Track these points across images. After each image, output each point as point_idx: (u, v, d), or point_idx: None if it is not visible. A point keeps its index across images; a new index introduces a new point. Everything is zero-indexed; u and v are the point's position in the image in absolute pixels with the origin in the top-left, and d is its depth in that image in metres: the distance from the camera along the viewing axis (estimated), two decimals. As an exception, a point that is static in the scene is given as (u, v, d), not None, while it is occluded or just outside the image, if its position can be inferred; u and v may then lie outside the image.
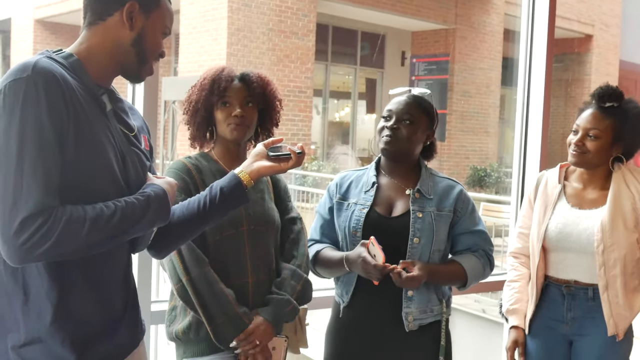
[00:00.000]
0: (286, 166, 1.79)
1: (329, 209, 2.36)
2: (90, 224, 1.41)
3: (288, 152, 1.78)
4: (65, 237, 1.38)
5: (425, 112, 2.28)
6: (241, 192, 1.74)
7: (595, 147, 2.43)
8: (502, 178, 12.96)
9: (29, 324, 1.47)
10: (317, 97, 12.65)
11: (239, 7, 10.48)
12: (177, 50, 11.78)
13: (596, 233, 2.41)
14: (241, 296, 2.07)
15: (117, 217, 1.45)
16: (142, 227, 1.54)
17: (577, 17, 15.20)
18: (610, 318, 2.42)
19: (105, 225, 1.43)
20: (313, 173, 10.55)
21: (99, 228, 1.42)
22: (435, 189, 2.28)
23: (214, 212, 1.73)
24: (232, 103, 2.12)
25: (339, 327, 2.32)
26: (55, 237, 1.37)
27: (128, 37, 1.57)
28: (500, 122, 14.64)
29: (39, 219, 1.36)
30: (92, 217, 1.42)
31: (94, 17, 1.57)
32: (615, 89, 2.45)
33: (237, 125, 2.11)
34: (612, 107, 2.43)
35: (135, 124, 1.68)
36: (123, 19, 1.56)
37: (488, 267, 2.33)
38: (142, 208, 1.51)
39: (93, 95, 1.53)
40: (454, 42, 13.33)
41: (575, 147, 2.45)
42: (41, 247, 1.36)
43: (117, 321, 1.61)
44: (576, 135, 2.47)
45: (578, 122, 2.48)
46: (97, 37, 1.57)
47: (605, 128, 2.42)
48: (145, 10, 1.58)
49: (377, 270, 2.08)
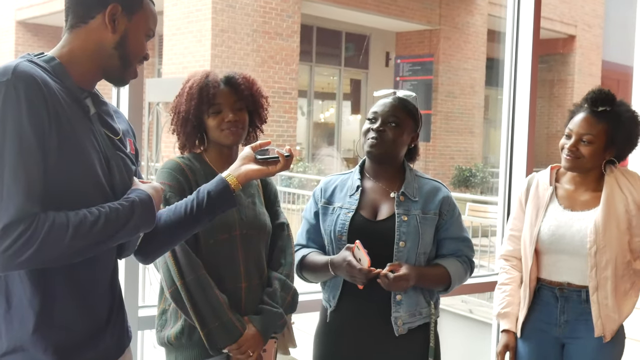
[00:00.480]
0: (274, 169, 1.76)
1: (314, 213, 2.35)
2: (74, 231, 1.38)
3: (276, 155, 1.76)
4: (48, 244, 1.36)
5: (411, 114, 2.27)
6: (229, 196, 1.71)
7: (589, 152, 2.42)
8: (487, 178, 13.02)
9: (11, 332, 1.45)
10: (302, 98, 12.64)
11: (223, 8, 10.45)
12: (160, 52, 11.72)
13: (589, 234, 2.41)
14: (234, 301, 2.06)
15: (101, 223, 1.43)
16: (127, 233, 1.51)
17: (560, 18, 15.31)
18: (599, 319, 2.42)
19: (88, 232, 1.41)
20: (299, 174, 10.53)
21: (82, 234, 1.40)
22: (421, 191, 2.27)
23: (201, 217, 1.70)
24: (223, 109, 2.10)
25: (326, 331, 2.30)
26: (37, 244, 1.34)
27: (111, 40, 1.55)
28: (484, 122, 14.72)
29: (21, 226, 1.33)
30: (75, 223, 1.39)
31: (76, 20, 1.54)
32: (608, 92, 2.45)
33: (232, 130, 2.10)
34: (604, 111, 2.42)
35: (120, 128, 1.65)
36: (105, 22, 1.53)
37: (469, 272, 2.34)
38: (126, 214, 1.49)
39: (76, 98, 1.51)
40: (438, 43, 13.37)
41: (569, 152, 2.44)
42: (23, 254, 1.34)
43: (102, 328, 1.59)
44: (569, 139, 2.46)
45: (571, 127, 2.47)
46: (80, 40, 1.54)
47: (599, 132, 2.41)
48: (128, 13, 1.55)
49: (363, 274, 2.07)
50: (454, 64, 13.58)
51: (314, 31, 13.10)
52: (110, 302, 1.63)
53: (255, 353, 2.05)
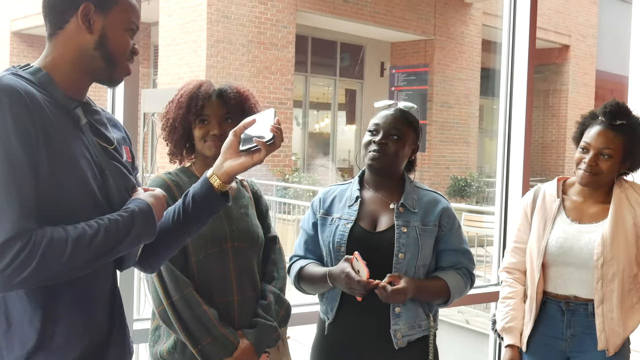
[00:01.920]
0: (258, 158, 1.61)
1: (312, 224, 2.33)
2: (73, 245, 1.35)
3: (258, 143, 1.61)
4: (47, 260, 1.32)
5: (412, 126, 2.26)
6: (215, 198, 1.62)
7: (608, 167, 2.40)
8: (483, 188, 13.02)
9: (12, 351, 1.42)
10: (297, 108, 12.65)
11: (218, 19, 10.46)
12: (156, 62, 11.72)
13: (597, 247, 2.40)
14: (227, 314, 2.04)
15: (101, 236, 1.40)
16: (128, 245, 1.48)
17: (554, 28, 15.39)
18: (602, 332, 2.40)
19: (88, 245, 1.38)
20: (294, 185, 10.51)
21: (82, 249, 1.37)
22: (420, 203, 2.25)
23: (191, 222, 1.64)
24: (210, 121, 2.08)
25: (324, 344, 2.28)
26: (36, 261, 1.31)
27: (90, 41, 1.50)
28: (479, 132, 14.75)
29: (18, 243, 1.30)
30: (74, 237, 1.36)
31: (52, 27, 1.51)
32: (624, 105, 2.43)
33: (215, 142, 2.07)
34: (621, 124, 2.40)
35: (114, 136, 1.62)
36: (80, 23, 1.48)
37: (469, 285, 2.32)
38: (126, 225, 1.45)
39: (65, 109, 1.47)
40: (433, 53, 13.41)
41: (589, 167, 2.40)
42: (22, 272, 1.31)
43: (104, 343, 1.56)
44: (586, 153, 2.42)
45: (587, 141, 2.43)
46: (60, 47, 1.50)
47: (617, 146, 2.39)
48: (102, 10, 1.50)
49: (361, 286, 2.04)
50: (448, 74, 13.61)
51: (309, 42, 13.12)
52: (111, 316, 1.60)
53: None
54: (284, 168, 11.15)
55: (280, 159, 11.16)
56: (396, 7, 12.75)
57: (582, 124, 2.50)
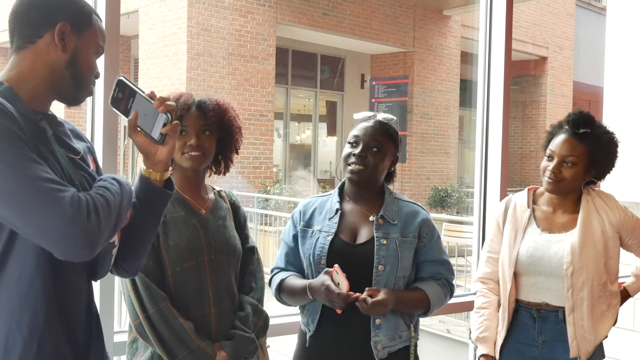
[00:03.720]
0: (174, 139, 1.58)
1: (293, 236, 2.33)
2: (111, 193, 1.44)
3: (165, 120, 1.55)
4: (111, 202, 1.41)
5: (392, 138, 2.27)
6: (158, 192, 1.60)
7: (571, 174, 2.43)
8: (463, 198, 13.09)
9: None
10: (278, 120, 12.66)
11: (198, 32, 10.46)
12: (136, 75, 11.68)
13: (566, 255, 2.42)
14: (204, 327, 2.04)
15: (116, 187, 1.48)
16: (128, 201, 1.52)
17: (532, 40, 15.57)
18: (574, 340, 2.42)
19: (118, 192, 1.47)
20: (275, 196, 10.51)
21: (116, 193, 1.46)
22: (400, 214, 2.26)
23: (146, 220, 1.62)
24: (188, 132, 2.08)
25: (305, 355, 2.28)
26: (106, 203, 1.39)
27: (62, 59, 1.50)
28: (459, 142, 14.84)
29: (76, 195, 1.34)
30: (104, 186, 1.46)
31: (22, 40, 1.49)
32: (588, 114, 2.46)
33: (192, 154, 2.07)
34: (585, 133, 2.44)
35: (79, 147, 1.61)
36: (55, 41, 1.48)
37: (449, 295, 2.33)
38: (112, 182, 1.51)
39: (31, 121, 1.45)
40: (413, 65, 13.50)
41: (552, 175, 2.45)
42: (99, 217, 1.36)
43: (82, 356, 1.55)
44: (551, 161, 2.47)
45: (552, 148, 2.47)
46: (28, 61, 1.49)
47: (581, 154, 2.43)
48: (76, 31, 1.51)
49: (341, 298, 2.05)
50: (428, 86, 13.71)
51: (289, 54, 13.16)
52: (89, 328, 1.59)
53: None
54: (265, 180, 11.14)
55: (262, 170, 11.16)
56: (375, 20, 12.83)
57: (550, 133, 2.54)
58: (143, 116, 1.53)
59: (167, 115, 1.54)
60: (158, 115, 1.54)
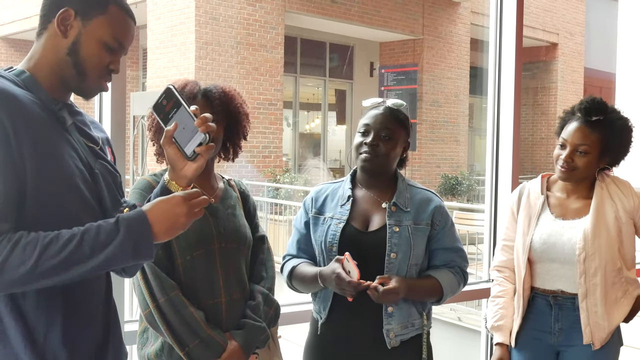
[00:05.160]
0: (204, 160, 1.52)
1: (304, 223, 2.32)
2: (41, 250, 1.30)
3: (201, 139, 1.50)
4: (9, 264, 1.29)
5: (402, 124, 2.25)
6: None
7: (584, 163, 2.42)
8: (474, 186, 13.06)
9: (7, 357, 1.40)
10: (287, 109, 12.64)
11: (206, 21, 10.44)
12: (145, 65, 11.69)
13: (579, 241, 2.41)
14: (214, 316, 2.03)
15: (75, 243, 1.33)
16: (110, 258, 1.36)
17: (542, 26, 15.45)
18: (587, 327, 2.41)
19: (59, 252, 1.31)
20: (285, 185, 10.51)
21: (50, 255, 1.31)
22: (412, 202, 2.24)
23: None
24: None
25: (317, 343, 2.28)
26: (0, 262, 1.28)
27: (64, 45, 1.47)
28: (469, 130, 14.79)
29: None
30: (45, 242, 1.31)
31: (40, 26, 1.49)
32: (601, 100, 2.44)
33: None
34: (598, 120, 2.41)
35: (98, 136, 1.60)
36: (56, 26, 1.47)
37: (462, 283, 2.31)
38: (108, 232, 1.37)
39: (50, 110, 1.45)
40: (422, 53, 13.44)
41: (565, 164, 2.43)
42: None
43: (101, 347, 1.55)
44: (564, 149, 2.45)
45: (565, 137, 2.46)
46: (41, 48, 1.49)
47: (593, 142, 2.41)
48: (83, 17, 1.48)
49: (352, 286, 2.04)
50: (437, 73, 13.64)
51: (298, 42, 13.12)
52: (106, 319, 1.58)
53: None
54: (274, 169, 11.14)
55: (271, 159, 11.16)
56: (384, 7, 12.76)
57: (562, 120, 2.52)
58: (182, 130, 1.50)
59: (205, 136, 1.49)
60: (197, 133, 1.50)
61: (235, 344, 2.02)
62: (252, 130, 2.24)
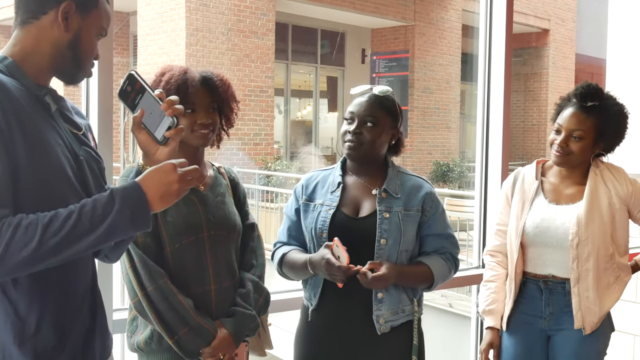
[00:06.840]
0: (176, 143, 1.54)
1: (295, 210, 2.32)
2: (43, 229, 1.32)
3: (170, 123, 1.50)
4: (14, 246, 1.30)
5: (389, 111, 2.24)
6: None
7: (579, 148, 2.43)
8: (465, 172, 13.09)
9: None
10: (278, 97, 12.60)
11: (197, 7, 10.38)
12: (135, 52, 11.62)
13: (572, 227, 2.43)
14: (204, 304, 2.02)
15: (74, 219, 1.34)
16: (110, 231, 1.38)
17: (534, 12, 15.43)
18: (579, 311, 2.43)
19: (59, 229, 1.33)
20: (277, 173, 10.50)
21: (52, 233, 1.32)
22: (403, 188, 2.24)
23: None
24: (196, 109, 2.04)
25: (308, 330, 2.28)
26: (1, 248, 1.29)
27: (64, 39, 1.49)
28: (461, 117, 14.79)
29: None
30: (45, 221, 1.33)
31: (26, 15, 1.48)
32: (596, 86, 2.44)
33: (203, 132, 2.05)
34: (593, 106, 2.42)
35: (81, 122, 1.61)
36: (58, 19, 1.47)
37: (453, 269, 2.31)
38: (104, 206, 1.38)
39: (35, 97, 1.45)
40: (413, 39, 13.41)
41: (559, 149, 2.44)
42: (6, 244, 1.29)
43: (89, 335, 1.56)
44: (559, 135, 2.46)
45: (560, 122, 2.46)
46: (31, 37, 1.48)
47: (588, 128, 2.42)
48: (82, 11, 1.49)
49: (341, 271, 2.04)
50: (429, 60, 13.62)
51: (289, 29, 13.07)
52: (93, 305, 1.59)
53: (227, 356, 2.01)
54: (266, 156, 11.13)
55: (262, 147, 11.14)
56: (376, -7, 12.73)
57: (558, 106, 2.53)
58: (149, 115, 1.50)
59: (173, 119, 1.49)
60: (164, 117, 1.50)
61: (225, 332, 2.01)
62: (243, 118, 2.25)
